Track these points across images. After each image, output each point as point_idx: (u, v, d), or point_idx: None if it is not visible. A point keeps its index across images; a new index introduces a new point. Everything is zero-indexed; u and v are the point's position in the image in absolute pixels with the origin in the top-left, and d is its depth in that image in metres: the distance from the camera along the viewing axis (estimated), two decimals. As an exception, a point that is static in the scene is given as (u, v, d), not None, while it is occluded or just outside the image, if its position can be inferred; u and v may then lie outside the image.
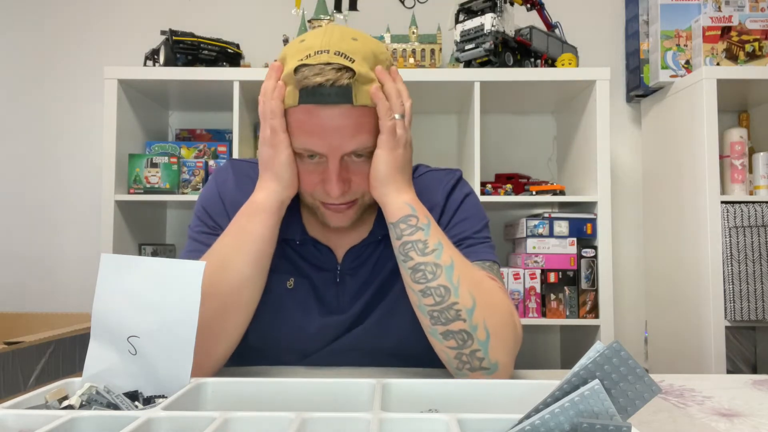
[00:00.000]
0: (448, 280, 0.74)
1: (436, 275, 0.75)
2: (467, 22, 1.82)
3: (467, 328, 0.74)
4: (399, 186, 0.81)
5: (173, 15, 2.20)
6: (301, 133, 0.80)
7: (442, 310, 0.74)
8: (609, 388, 0.40)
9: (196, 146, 1.96)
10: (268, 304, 0.90)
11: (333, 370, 0.85)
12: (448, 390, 0.59)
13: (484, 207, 1.00)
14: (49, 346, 1.23)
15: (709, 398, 0.72)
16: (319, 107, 0.77)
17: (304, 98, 0.77)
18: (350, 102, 0.77)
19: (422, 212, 0.79)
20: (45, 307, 2.12)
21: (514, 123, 2.22)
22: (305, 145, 0.80)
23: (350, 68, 0.76)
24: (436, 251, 0.76)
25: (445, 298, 0.74)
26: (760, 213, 1.70)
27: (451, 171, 1.02)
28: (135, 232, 1.91)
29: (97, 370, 0.59)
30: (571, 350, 2.08)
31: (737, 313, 1.68)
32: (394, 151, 0.80)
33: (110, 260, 0.60)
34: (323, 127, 0.78)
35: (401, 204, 0.79)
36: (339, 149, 0.79)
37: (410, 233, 0.77)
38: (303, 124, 0.79)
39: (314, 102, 0.77)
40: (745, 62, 1.82)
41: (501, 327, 0.76)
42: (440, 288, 0.74)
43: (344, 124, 0.78)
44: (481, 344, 0.74)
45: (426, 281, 0.75)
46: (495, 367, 0.75)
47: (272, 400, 0.58)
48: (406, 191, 0.81)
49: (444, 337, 0.75)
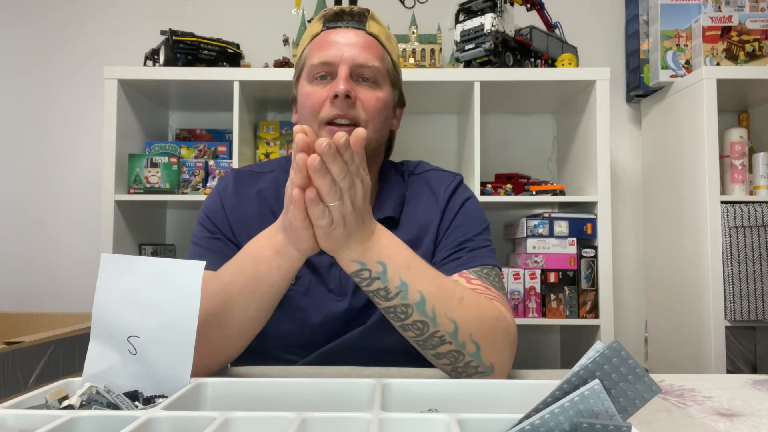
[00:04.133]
0: (422, 314, 0.72)
1: (408, 314, 0.72)
2: (467, 22, 1.82)
3: (455, 348, 0.74)
4: (348, 246, 0.70)
5: (173, 15, 2.20)
6: (318, 50, 0.92)
7: (426, 339, 0.74)
8: (609, 388, 0.40)
9: (196, 146, 1.96)
10: None
11: (333, 369, 0.85)
12: (448, 390, 0.59)
13: (484, 207, 1.01)
14: (49, 346, 1.23)
15: (709, 398, 0.72)
16: (337, 30, 0.94)
17: (326, 24, 0.95)
18: (364, 27, 0.94)
19: (372, 260, 0.70)
20: (45, 307, 2.12)
21: (514, 123, 2.22)
22: (320, 58, 0.91)
23: (366, 9, 0.97)
24: (400, 293, 0.71)
25: (424, 330, 0.73)
26: (760, 213, 1.70)
27: (453, 174, 1.03)
28: (135, 232, 1.91)
29: (97, 370, 0.59)
30: (571, 350, 2.08)
31: (737, 313, 1.68)
32: (332, 234, 0.68)
33: (110, 260, 0.60)
34: (339, 42, 0.92)
35: (348, 262, 0.71)
36: (350, 58, 0.90)
37: (367, 285, 0.72)
38: (321, 43, 0.93)
39: (334, 25, 0.94)
40: (745, 62, 1.82)
41: (489, 334, 0.76)
42: (417, 323, 0.72)
43: (356, 41, 0.92)
44: (473, 356, 0.74)
45: (401, 320, 0.73)
46: (491, 369, 0.75)
47: (272, 400, 0.58)
48: (354, 246, 0.70)
49: (436, 357, 0.75)
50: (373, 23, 0.96)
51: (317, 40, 0.94)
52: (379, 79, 0.93)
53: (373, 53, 0.93)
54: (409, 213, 0.96)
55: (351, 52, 0.91)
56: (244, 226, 0.93)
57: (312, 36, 0.96)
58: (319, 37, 0.94)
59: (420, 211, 0.96)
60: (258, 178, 1.00)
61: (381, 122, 0.93)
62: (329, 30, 0.94)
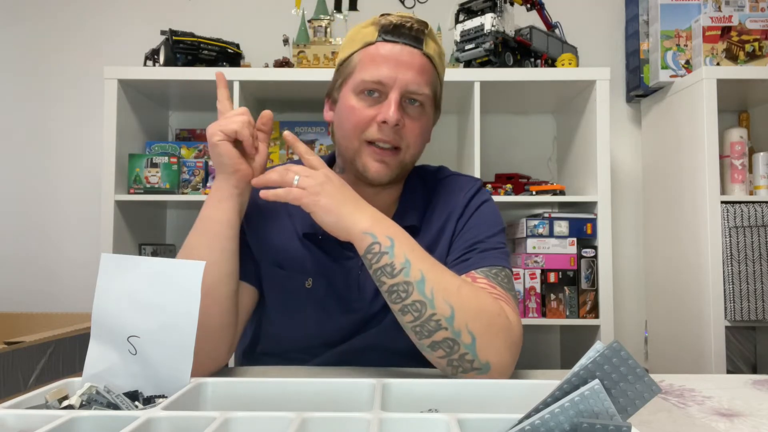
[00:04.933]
0: (421, 294, 0.75)
1: (409, 293, 0.75)
2: (467, 22, 1.82)
3: (451, 336, 0.75)
4: (351, 214, 0.79)
5: (173, 15, 2.20)
6: (372, 65, 0.89)
7: (423, 323, 0.75)
8: (609, 388, 0.40)
9: (196, 146, 1.96)
10: (287, 304, 0.91)
11: (333, 370, 0.85)
12: (448, 390, 0.59)
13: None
14: (49, 346, 1.23)
15: (709, 398, 0.72)
16: (394, 44, 0.89)
17: (382, 35, 0.90)
18: (420, 47, 0.90)
19: (382, 233, 0.78)
20: (45, 307, 2.12)
21: (514, 123, 2.22)
22: (374, 75, 0.88)
23: (425, 23, 0.93)
24: (404, 269, 0.76)
25: (422, 312, 0.75)
26: (760, 213, 1.70)
27: (474, 179, 1.04)
28: (135, 232, 1.91)
29: (97, 370, 0.59)
30: (571, 350, 2.08)
31: (737, 313, 1.68)
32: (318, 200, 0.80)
33: (110, 260, 0.60)
34: (394, 61, 0.88)
35: (361, 235, 0.78)
36: (404, 83, 0.88)
37: (377, 260, 0.77)
38: (376, 57, 0.89)
39: (391, 39, 0.90)
40: (745, 62, 1.82)
41: (486, 328, 0.76)
42: (416, 303, 0.75)
43: (412, 62, 0.89)
44: (468, 347, 0.75)
45: (401, 300, 0.76)
46: (487, 367, 0.75)
47: (272, 400, 0.58)
48: (359, 216, 0.79)
49: (432, 348, 0.76)
50: (430, 42, 0.92)
51: (371, 51, 0.90)
52: (426, 105, 0.92)
53: (426, 79, 0.90)
54: (429, 219, 0.97)
55: (406, 76, 0.88)
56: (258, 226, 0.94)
57: (365, 43, 0.91)
58: (372, 48, 0.90)
59: (438, 217, 0.97)
60: None
61: (420, 145, 0.95)
62: (385, 42, 0.90)
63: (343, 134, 0.93)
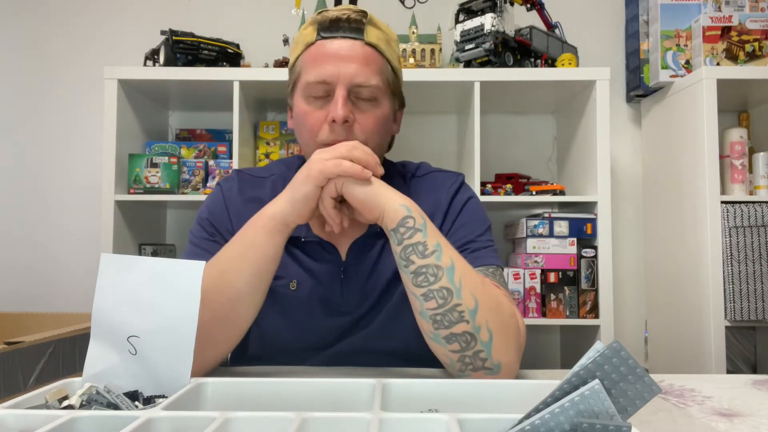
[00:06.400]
0: (450, 281, 0.73)
1: (438, 277, 0.73)
2: (467, 22, 1.82)
3: (470, 330, 0.73)
4: (386, 188, 0.79)
5: (173, 15, 2.20)
6: (314, 65, 0.87)
7: (445, 312, 0.73)
8: (609, 388, 0.40)
9: (196, 146, 1.96)
10: (272, 306, 0.90)
11: (333, 370, 0.85)
12: (448, 390, 0.59)
13: (484, 207, 1.00)
14: (49, 346, 1.23)
15: (709, 398, 0.72)
16: (333, 40, 0.87)
17: (320, 33, 0.88)
18: (361, 38, 0.88)
19: (417, 212, 0.77)
20: (45, 307, 2.12)
21: (514, 123, 2.22)
22: (317, 75, 0.86)
23: (363, 12, 0.90)
24: (435, 252, 0.74)
25: (447, 300, 0.73)
26: (760, 213, 1.70)
27: (455, 174, 1.02)
28: (135, 232, 1.91)
29: (97, 370, 0.59)
30: (571, 350, 2.08)
31: (737, 313, 1.68)
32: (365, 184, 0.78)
33: (110, 260, 0.60)
34: (335, 56, 0.86)
35: (397, 207, 0.76)
36: (348, 77, 0.85)
37: (410, 236, 0.75)
38: (317, 56, 0.87)
39: (330, 35, 0.88)
40: (745, 62, 1.82)
41: (504, 328, 0.75)
42: (442, 290, 0.73)
43: (354, 55, 0.86)
44: (485, 345, 0.73)
45: (428, 284, 0.73)
46: (498, 368, 0.74)
47: (272, 400, 0.58)
48: (396, 192, 0.79)
49: (447, 340, 0.74)
50: (371, 30, 0.89)
51: (312, 52, 0.88)
52: (378, 96, 0.89)
53: (373, 68, 0.87)
54: None
55: (348, 69, 0.85)
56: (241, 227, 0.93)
57: (306, 44, 0.90)
58: (313, 48, 0.88)
59: None
60: (260, 183, 0.99)
61: (380, 138, 0.92)
62: (324, 40, 0.88)
63: (303, 141, 0.91)
